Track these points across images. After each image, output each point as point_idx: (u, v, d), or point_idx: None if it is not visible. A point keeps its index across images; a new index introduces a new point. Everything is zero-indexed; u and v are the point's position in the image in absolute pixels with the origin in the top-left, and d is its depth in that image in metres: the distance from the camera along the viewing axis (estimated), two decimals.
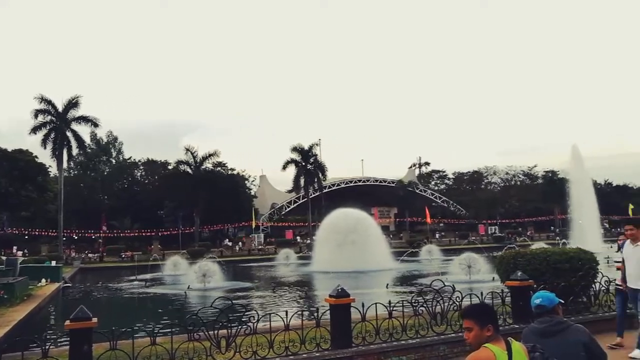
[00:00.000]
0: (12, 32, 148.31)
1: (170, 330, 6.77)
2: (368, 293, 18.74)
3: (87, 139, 62.18)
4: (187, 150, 67.24)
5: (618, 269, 8.44)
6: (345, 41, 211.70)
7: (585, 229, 44.93)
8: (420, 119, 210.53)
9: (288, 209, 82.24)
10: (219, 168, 75.05)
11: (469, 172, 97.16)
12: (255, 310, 8.08)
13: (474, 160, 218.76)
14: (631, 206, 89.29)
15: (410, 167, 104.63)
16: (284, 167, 69.14)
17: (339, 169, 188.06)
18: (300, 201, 76.95)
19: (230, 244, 67.24)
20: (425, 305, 8.11)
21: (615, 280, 8.89)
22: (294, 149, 68.32)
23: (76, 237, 64.81)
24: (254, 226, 71.01)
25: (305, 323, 7.31)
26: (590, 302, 9.74)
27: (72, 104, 54.12)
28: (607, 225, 79.72)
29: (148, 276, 32.92)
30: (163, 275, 33.68)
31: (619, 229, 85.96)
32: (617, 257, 8.86)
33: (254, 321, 7.02)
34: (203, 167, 68.78)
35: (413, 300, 8.10)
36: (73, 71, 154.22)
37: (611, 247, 44.24)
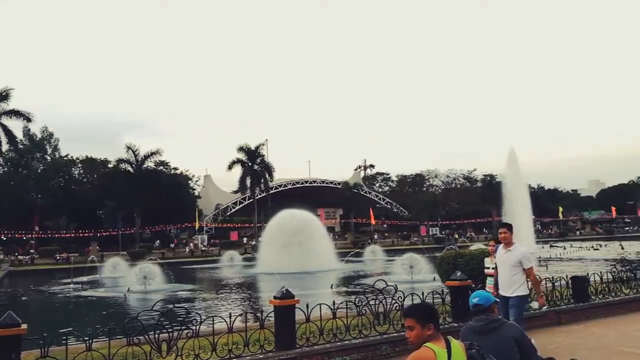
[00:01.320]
0: None
1: (107, 334, 6.48)
2: (313, 294, 18.82)
3: (19, 134, 58.59)
4: (129, 148, 64.98)
5: (490, 275, 8.24)
6: (293, 44, 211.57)
7: (520, 230, 47.09)
8: (366, 123, 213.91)
9: (233, 210, 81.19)
10: (161, 167, 73.10)
11: (411, 174, 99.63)
12: (197, 313, 7.90)
13: (417, 163, 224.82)
14: (561, 209, 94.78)
15: (356, 169, 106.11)
16: (230, 167, 68.11)
17: (286, 169, 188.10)
18: (246, 202, 76.12)
19: (172, 245, 65.62)
20: (368, 305, 8.22)
21: (487, 287, 8.55)
22: (240, 149, 67.46)
23: (5, 238, 61.08)
24: (197, 227, 69.62)
25: (249, 325, 7.23)
26: None
27: (2, 96, 50.86)
28: (540, 227, 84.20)
29: (85, 279, 31.58)
30: (101, 278, 32.42)
31: (549, 231, 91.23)
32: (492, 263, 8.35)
33: (196, 324, 6.87)
34: (145, 166, 66.68)
35: (357, 301, 8.19)
36: (4, 63, 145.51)
37: (542, 247, 46.80)
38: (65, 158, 75.29)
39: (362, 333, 7.76)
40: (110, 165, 72.70)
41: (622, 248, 42.00)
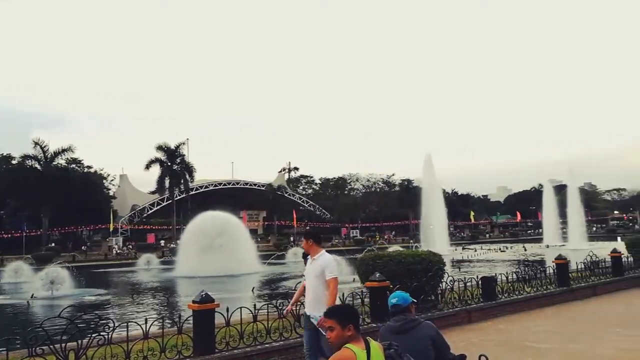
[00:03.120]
0: None
1: (5, 345, 5.97)
2: (234, 297, 18.54)
3: None
4: (36, 143, 60.68)
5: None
6: (218, 43, 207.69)
7: (435, 233, 49.37)
8: (291, 125, 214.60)
9: (151, 211, 78.18)
10: (73, 165, 69.03)
11: (334, 178, 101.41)
12: (110, 319, 7.49)
13: (340, 167, 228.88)
14: (472, 213, 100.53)
15: (280, 171, 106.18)
16: (147, 167, 65.56)
17: (208, 170, 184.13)
18: (165, 203, 73.58)
19: (83, 247, 62.02)
20: None
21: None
22: (159, 148, 65.16)
23: None
24: (111, 229, 66.35)
25: (167, 330, 6.98)
26: (438, 300, 10.64)
27: None
28: (453, 230, 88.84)
29: None
30: (0, 284, 29.94)
31: (462, 234, 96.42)
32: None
33: (108, 330, 6.50)
34: (55, 163, 62.56)
35: (278, 303, 8.16)
36: None
37: (456, 249, 49.33)
38: None
39: (283, 336, 7.73)
40: (14, 162, 67.38)
41: (525, 250, 45.32)
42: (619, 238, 49.02)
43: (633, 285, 15.23)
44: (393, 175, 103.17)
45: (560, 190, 69.50)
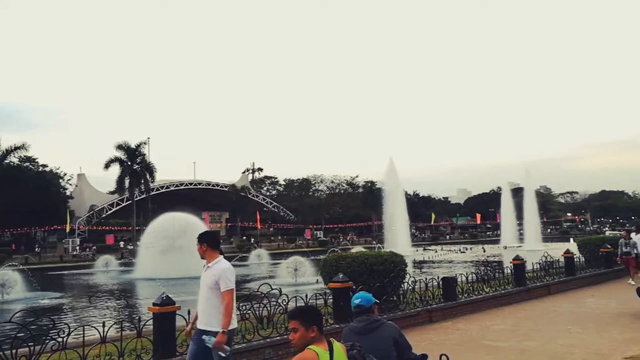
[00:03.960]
0: None
1: None
2: (196, 299, 18.22)
3: None
4: None
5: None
6: (179, 40, 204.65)
7: (397, 234, 50.04)
8: (255, 125, 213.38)
9: (110, 212, 76.11)
10: (27, 163, 66.38)
11: (298, 179, 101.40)
12: (66, 324, 7.23)
13: (304, 168, 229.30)
14: (433, 214, 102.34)
15: (244, 172, 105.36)
16: (107, 166, 63.63)
17: (170, 170, 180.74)
18: (124, 203, 71.75)
19: (37, 249, 59.75)
20: (252, 309, 8.15)
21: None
22: (119, 147, 63.38)
23: None
24: (68, 230, 64.22)
25: (126, 334, 6.81)
26: (400, 300, 10.77)
27: None
28: (415, 231, 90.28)
29: None
30: None
31: (423, 235, 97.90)
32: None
33: (63, 335, 6.28)
34: (7, 161, 60.05)
35: (240, 305, 8.09)
36: None
37: (417, 250, 50.14)
38: None
39: (245, 338, 7.67)
40: None
41: (484, 251, 46.50)
42: (571, 239, 51.02)
43: (584, 284, 15.88)
44: (357, 177, 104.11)
45: (518, 193, 71.59)
